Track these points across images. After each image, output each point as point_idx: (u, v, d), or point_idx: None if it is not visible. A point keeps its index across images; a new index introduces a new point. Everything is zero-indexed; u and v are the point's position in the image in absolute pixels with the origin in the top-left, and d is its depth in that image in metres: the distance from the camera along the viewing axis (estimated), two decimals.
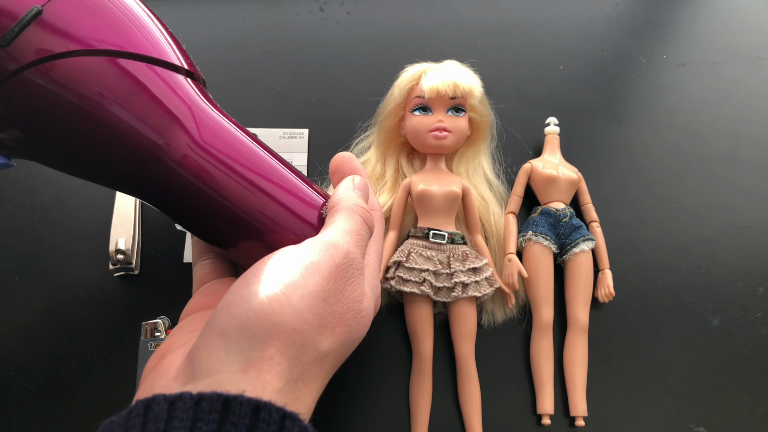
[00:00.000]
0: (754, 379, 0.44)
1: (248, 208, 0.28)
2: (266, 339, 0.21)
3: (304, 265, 0.23)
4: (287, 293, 0.22)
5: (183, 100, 0.29)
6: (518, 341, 0.44)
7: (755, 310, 0.46)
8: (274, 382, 0.21)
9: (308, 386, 0.23)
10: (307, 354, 0.22)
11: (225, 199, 0.28)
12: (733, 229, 0.48)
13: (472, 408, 0.42)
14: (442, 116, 0.43)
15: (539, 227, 0.44)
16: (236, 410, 0.19)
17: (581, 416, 0.42)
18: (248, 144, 0.29)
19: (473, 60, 0.45)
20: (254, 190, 0.28)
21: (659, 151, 0.50)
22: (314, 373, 0.23)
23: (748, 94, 0.53)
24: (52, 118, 0.27)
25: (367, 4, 0.55)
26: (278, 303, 0.22)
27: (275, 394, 0.21)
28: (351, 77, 0.51)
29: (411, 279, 0.41)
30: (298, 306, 0.22)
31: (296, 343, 0.22)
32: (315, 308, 0.23)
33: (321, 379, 0.24)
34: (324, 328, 0.23)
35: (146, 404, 0.20)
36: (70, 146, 0.28)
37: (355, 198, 0.29)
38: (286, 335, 0.22)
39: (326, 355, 0.23)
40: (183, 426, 0.19)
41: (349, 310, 0.24)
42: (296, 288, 0.22)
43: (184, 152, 0.28)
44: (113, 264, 0.43)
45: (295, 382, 0.22)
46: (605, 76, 0.53)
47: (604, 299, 0.44)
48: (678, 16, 0.56)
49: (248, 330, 0.21)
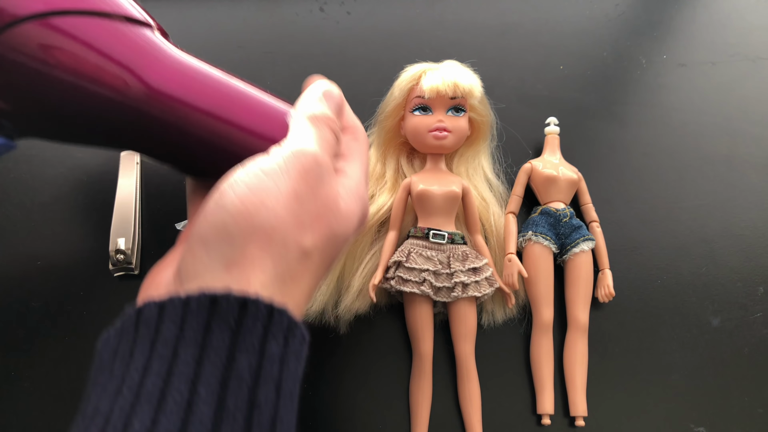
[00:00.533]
0: (754, 380, 0.44)
1: (216, 135, 0.30)
2: (246, 238, 0.22)
3: (273, 170, 0.24)
4: (260, 195, 0.23)
5: (129, 47, 0.29)
6: (518, 341, 0.44)
7: (755, 310, 0.46)
8: (260, 278, 0.22)
9: (297, 284, 0.24)
10: (290, 251, 0.23)
11: (192, 133, 0.30)
12: (733, 229, 0.48)
13: (472, 408, 0.42)
14: (442, 116, 0.43)
15: (539, 227, 0.44)
16: (224, 305, 0.20)
17: (581, 416, 0.42)
18: (203, 73, 0.30)
19: (473, 60, 0.45)
20: (215, 117, 0.30)
21: (659, 151, 0.50)
22: (301, 270, 0.24)
23: (748, 94, 0.53)
24: (16, 88, 0.28)
25: (367, 4, 0.55)
26: (252, 204, 0.22)
27: (262, 289, 0.22)
28: (351, 77, 0.51)
29: (411, 279, 0.41)
30: (272, 206, 0.23)
31: (276, 240, 0.23)
32: (289, 208, 0.23)
33: (309, 276, 0.24)
34: (302, 225, 0.24)
35: (138, 311, 0.21)
36: (45, 113, 0.29)
37: (318, 106, 0.29)
38: (264, 233, 0.22)
39: (310, 251, 0.24)
40: (173, 325, 0.20)
41: (326, 209, 0.25)
42: (268, 191, 0.23)
43: (145, 97, 0.29)
44: (113, 264, 0.43)
45: (282, 279, 0.23)
46: (605, 76, 0.53)
47: (604, 299, 0.44)
48: (678, 16, 0.56)
49: (227, 232, 0.22)
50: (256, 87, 0.32)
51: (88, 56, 0.28)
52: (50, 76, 0.28)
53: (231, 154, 0.30)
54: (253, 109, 0.31)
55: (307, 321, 0.42)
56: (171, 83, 0.29)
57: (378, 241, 0.45)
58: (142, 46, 0.30)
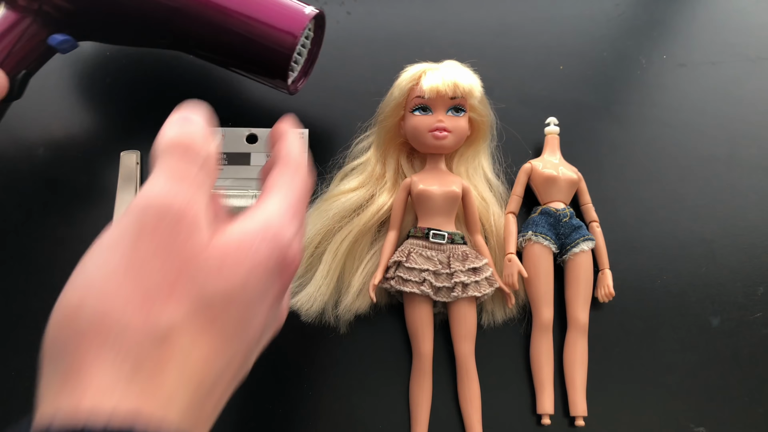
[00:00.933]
0: (754, 379, 0.44)
1: (241, 27, 0.39)
2: (77, 338, 0.18)
3: (110, 242, 0.20)
4: (88, 281, 0.19)
5: None
6: (518, 341, 0.44)
7: (755, 310, 0.46)
8: (100, 382, 0.17)
9: (161, 374, 0.18)
10: (135, 336, 0.18)
11: (223, 27, 0.39)
12: (733, 229, 0.48)
13: (472, 408, 0.42)
14: (442, 116, 0.43)
15: (539, 227, 0.44)
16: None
17: (581, 416, 0.42)
18: None
19: (473, 60, 0.45)
20: (240, 13, 0.39)
21: (659, 151, 0.50)
22: (163, 355, 0.19)
23: (748, 94, 0.53)
24: None
25: (367, 4, 0.55)
26: (78, 295, 0.19)
27: (103, 396, 0.17)
28: (351, 77, 0.51)
29: (411, 279, 0.41)
30: (102, 289, 0.19)
31: (112, 329, 0.18)
32: (126, 283, 0.19)
33: (178, 361, 0.19)
34: (151, 298, 0.19)
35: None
36: (104, 13, 0.40)
37: (172, 135, 0.22)
38: (97, 325, 0.18)
39: (172, 327, 0.19)
40: None
41: (190, 266, 0.19)
42: (97, 271, 0.19)
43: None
44: None
45: (134, 373, 0.18)
46: (605, 76, 0.53)
47: (604, 299, 0.44)
48: (678, 16, 0.56)
49: (57, 337, 0.19)
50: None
51: None
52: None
53: (255, 44, 0.39)
54: (271, 6, 0.39)
55: (308, 321, 0.42)
56: None
57: (378, 241, 0.45)
58: None
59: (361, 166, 0.46)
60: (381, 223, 0.45)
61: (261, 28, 0.39)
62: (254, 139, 0.47)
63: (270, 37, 0.39)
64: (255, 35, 0.39)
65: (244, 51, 0.40)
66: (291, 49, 0.39)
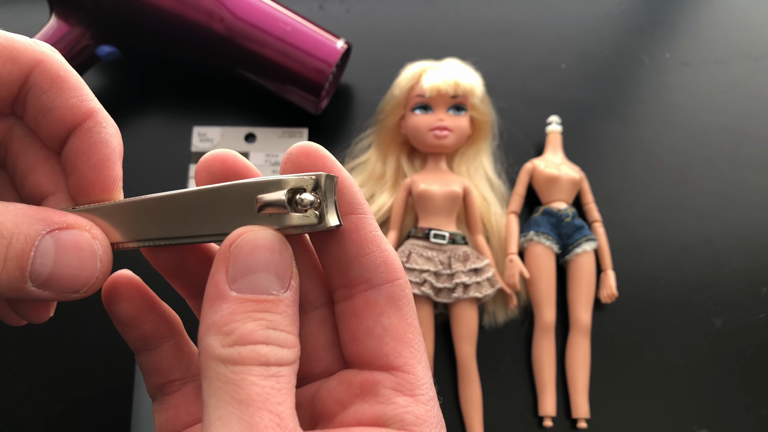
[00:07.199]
0: (757, 381, 0.44)
1: (280, 53, 0.43)
2: None
3: None
4: None
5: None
6: (520, 342, 0.44)
7: (759, 310, 0.45)
8: None
9: None
10: None
11: (263, 51, 0.43)
12: (736, 229, 0.48)
13: (473, 410, 0.41)
14: (443, 115, 0.43)
15: (541, 227, 0.44)
16: None
17: (583, 418, 0.42)
18: (271, 7, 0.44)
19: (474, 58, 0.45)
20: (280, 39, 0.43)
21: (662, 151, 0.50)
22: None
23: (751, 93, 0.52)
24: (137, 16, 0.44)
25: (367, 2, 0.54)
26: None
27: None
28: (351, 76, 0.51)
29: (411, 280, 0.40)
30: None
31: None
32: None
33: None
34: None
35: None
36: (152, 32, 0.45)
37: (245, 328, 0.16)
38: None
39: None
40: None
41: None
42: None
43: (227, 25, 0.43)
44: None
45: None
46: (607, 75, 0.52)
47: (607, 300, 0.44)
48: (681, 15, 0.56)
49: None
50: (308, 20, 0.44)
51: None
52: (161, 8, 0.43)
53: (290, 70, 0.43)
54: (308, 36, 0.43)
55: None
56: (249, 14, 0.43)
57: None
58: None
59: (361, 166, 0.46)
60: (381, 224, 0.44)
61: (301, 57, 0.43)
62: (253, 139, 0.47)
63: (309, 64, 0.43)
64: (295, 63, 0.43)
65: (285, 76, 0.44)
66: (326, 76, 0.44)
